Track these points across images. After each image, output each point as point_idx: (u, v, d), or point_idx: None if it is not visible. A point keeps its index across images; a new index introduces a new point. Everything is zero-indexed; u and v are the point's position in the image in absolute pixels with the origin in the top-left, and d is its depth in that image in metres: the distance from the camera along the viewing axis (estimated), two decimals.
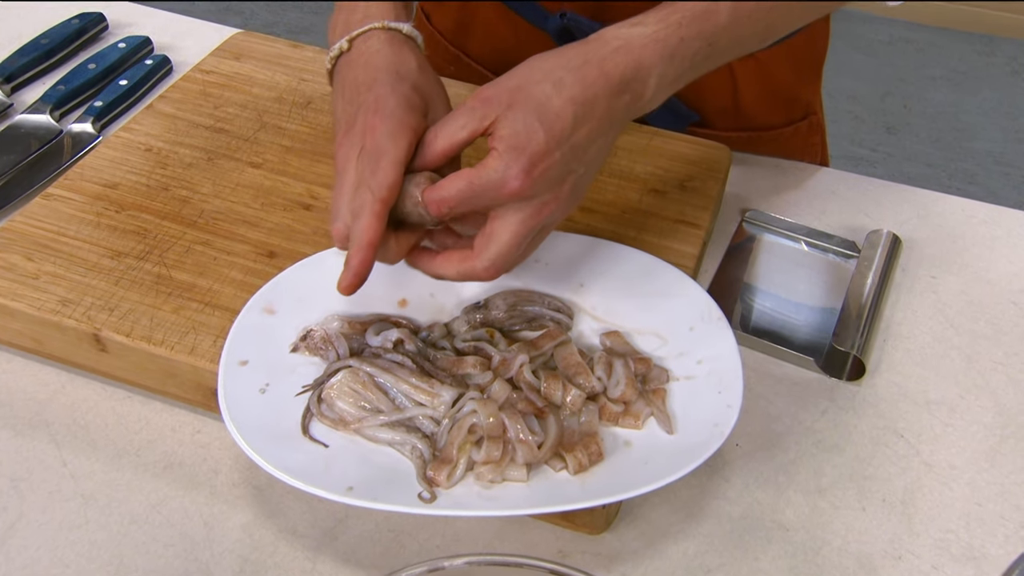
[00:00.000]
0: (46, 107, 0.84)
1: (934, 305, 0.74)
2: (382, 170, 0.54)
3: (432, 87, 0.61)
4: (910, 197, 0.85)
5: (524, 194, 0.53)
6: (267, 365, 0.58)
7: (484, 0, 0.87)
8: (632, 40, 0.55)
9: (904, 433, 0.65)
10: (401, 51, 0.60)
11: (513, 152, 0.52)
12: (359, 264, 0.53)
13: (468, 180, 0.53)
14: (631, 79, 0.55)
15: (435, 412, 0.54)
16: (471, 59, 0.92)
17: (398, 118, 0.55)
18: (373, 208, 0.53)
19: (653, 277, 0.64)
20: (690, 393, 0.57)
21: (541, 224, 0.55)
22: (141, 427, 0.63)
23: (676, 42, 0.55)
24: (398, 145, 0.54)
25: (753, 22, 0.58)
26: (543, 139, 0.52)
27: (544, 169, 0.53)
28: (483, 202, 0.54)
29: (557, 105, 0.53)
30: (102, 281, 0.64)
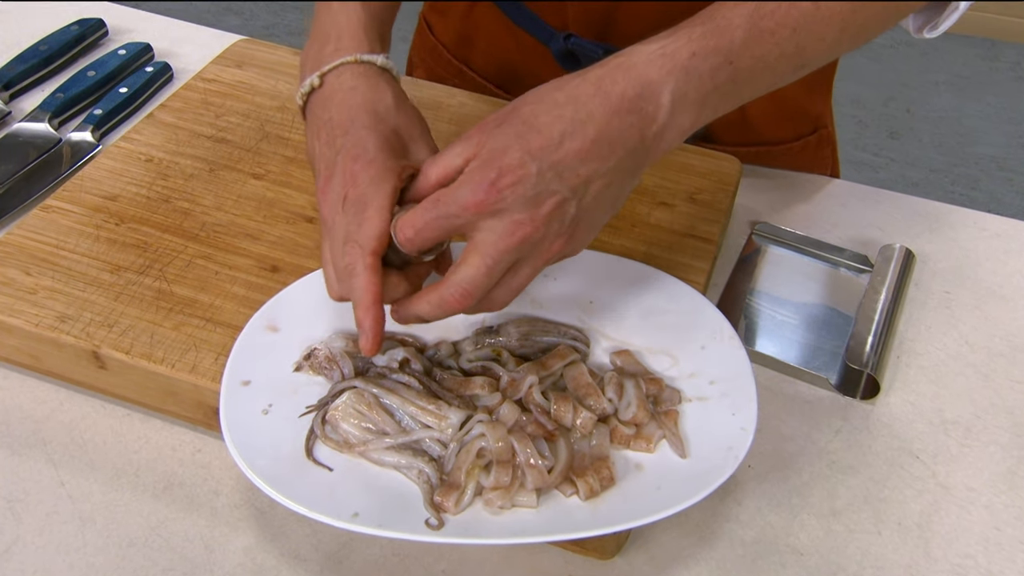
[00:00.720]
0: (45, 115, 0.83)
1: (948, 321, 0.73)
2: (368, 220, 0.52)
3: (411, 123, 0.59)
4: (921, 209, 0.84)
5: (487, 207, 0.49)
6: (270, 385, 0.56)
7: (488, 13, 0.85)
8: (634, 56, 0.52)
9: (920, 454, 0.63)
10: (377, 87, 0.58)
11: (482, 166, 0.50)
12: (372, 323, 0.51)
13: (434, 199, 0.51)
14: (635, 97, 0.51)
15: (442, 435, 0.53)
16: (474, 71, 0.90)
17: (380, 163, 0.53)
18: (365, 262, 0.51)
19: (664, 294, 0.63)
20: (703, 415, 0.56)
21: (517, 247, 0.50)
22: (140, 446, 0.61)
23: (686, 56, 0.52)
24: (382, 191, 0.52)
25: (777, 41, 0.54)
26: (516, 152, 0.50)
27: (513, 182, 0.49)
28: (451, 223, 0.50)
29: (543, 121, 0.50)
30: (101, 296, 0.63)
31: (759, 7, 0.54)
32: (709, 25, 0.53)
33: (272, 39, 2.91)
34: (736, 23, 0.54)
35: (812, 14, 0.54)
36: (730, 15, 0.54)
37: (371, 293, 0.51)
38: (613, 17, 0.77)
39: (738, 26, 0.53)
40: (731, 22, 0.54)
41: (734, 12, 0.54)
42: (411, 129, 0.58)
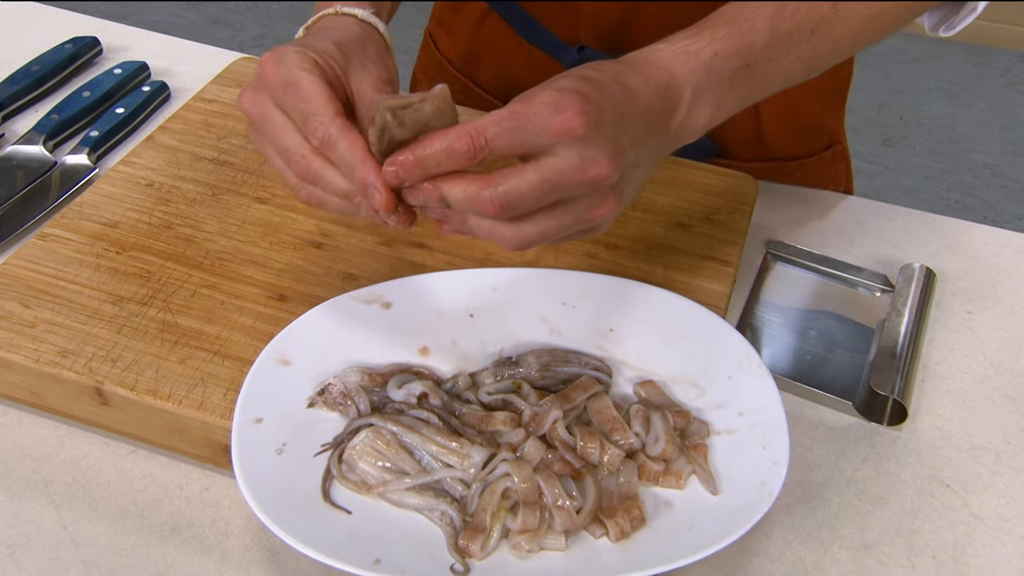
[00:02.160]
0: (39, 138, 0.81)
1: (971, 342, 0.71)
2: (308, 92, 0.49)
3: (365, 55, 0.55)
4: (938, 227, 0.82)
5: (575, 132, 0.46)
6: (283, 423, 0.54)
7: (497, 29, 0.84)
8: (659, 52, 0.52)
9: (950, 482, 0.62)
10: (344, 27, 0.56)
11: (566, 92, 0.46)
12: (375, 174, 0.47)
13: (512, 109, 0.46)
14: (666, 87, 0.51)
15: (465, 474, 0.51)
16: (481, 88, 0.89)
17: (294, 54, 0.51)
18: (337, 125, 0.48)
19: (686, 321, 0.61)
20: (733, 449, 0.54)
21: (579, 184, 0.47)
22: (146, 484, 0.59)
23: (709, 56, 0.52)
24: (304, 68, 0.50)
25: (795, 45, 0.54)
26: (596, 92, 0.47)
27: (598, 114, 0.46)
28: (525, 137, 0.46)
29: (601, 78, 0.49)
30: (104, 329, 0.61)
31: (781, 8, 0.54)
32: (732, 26, 0.53)
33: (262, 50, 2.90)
34: (759, 25, 0.53)
35: (830, 16, 0.54)
36: (752, 16, 0.53)
37: (359, 147, 0.48)
38: (626, 30, 0.76)
39: (760, 28, 0.53)
40: (754, 24, 0.53)
41: (757, 13, 0.53)
42: (361, 57, 0.54)
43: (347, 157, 0.48)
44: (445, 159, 0.46)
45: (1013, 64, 2.94)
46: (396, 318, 0.60)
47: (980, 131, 2.65)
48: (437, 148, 0.46)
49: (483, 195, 0.47)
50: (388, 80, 0.54)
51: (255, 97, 0.52)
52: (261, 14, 3.07)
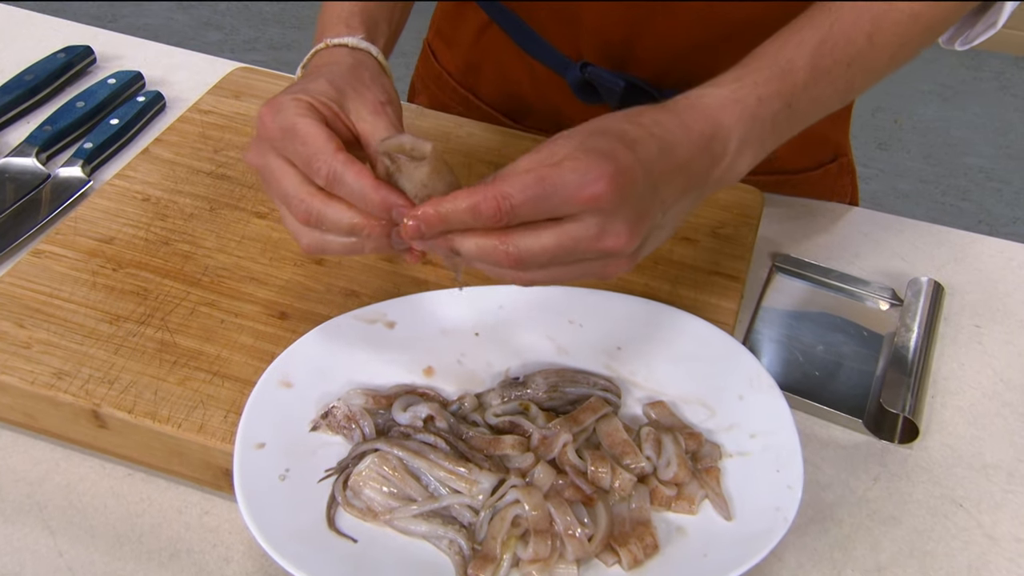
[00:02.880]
0: (32, 149, 0.79)
1: (981, 358, 0.70)
2: (306, 135, 0.48)
3: (360, 83, 0.54)
4: (944, 239, 0.81)
5: (603, 203, 0.45)
6: (286, 447, 0.53)
7: (498, 41, 0.82)
8: (706, 100, 0.51)
9: (963, 502, 0.61)
10: (335, 58, 0.56)
11: (597, 156, 0.45)
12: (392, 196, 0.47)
13: (539, 175, 0.45)
14: (711, 138, 0.51)
15: (473, 501, 0.49)
16: (481, 100, 0.87)
17: (288, 99, 0.51)
18: (340, 160, 0.47)
19: (695, 339, 0.60)
20: (745, 472, 0.53)
21: (599, 251, 0.47)
22: (144, 509, 0.58)
23: (754, 103, 0.52)
24: (298, 110, 0.50)
25: (833, 80, 0.54)
26: (628, 155, 0.46)
27: (628, 181, 0.46)
28: (551, 204, 0.45)
29: (640, 135, 0.48)
30: (100, 350, 0.59)
31: (820, 45, 0.54)
32: (775, 68, 0.53)
33: (254, 53, 2.89)
34: (799, 64, 0.53)
35: (866, 48, 0.54)
36: (793, 56, 0.53)
37: (367, 175, 0.47)
38: (629, 46, 0.75)
39: (801, 68, 0.53)
40: (794, 64, 0.53)
41: (797, 53, 0.53)
42: (355, 84, 0.54)
43: (356, 187, 0.48)
44: (470, 219, 0.46)
45: (1006, 67, 2.94)
46: (400, 337, 0.59)
47: (974, 135, 2.66)
48: (462, 207, 0.45)
49: (498, 250, 0.46)
50: (386, 101, 0.54)
51: (257, 149, 0.52)
52: (253, 17, 3.05)
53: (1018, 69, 2.94)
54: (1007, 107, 2.78)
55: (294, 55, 2.89)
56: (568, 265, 0.48)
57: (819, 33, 0.54)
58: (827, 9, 0.55)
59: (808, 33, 0.54)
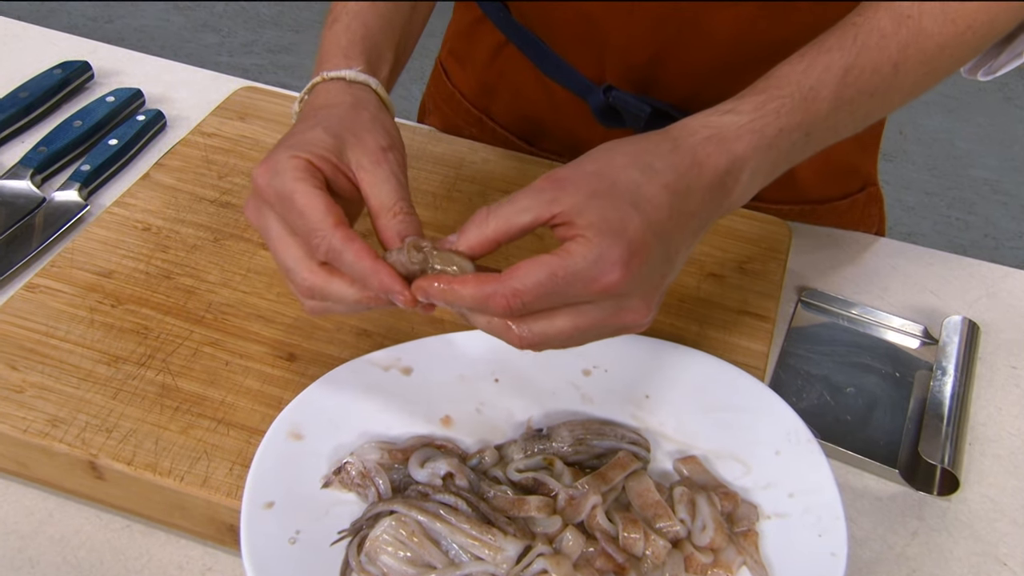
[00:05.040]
0: (26, 171, 0.75)
1: (1019, 401, 0.67)
2: (304, 207, 0.46)
3: (358, 125, 0.52)
4: (975, 272, 0.78)
5: (619, 290, 0.44)
6: (296, 506, 0.49)
7: (514, 62, 0.79)
8: (724, 130, 0.48)
9: (1007, 560, 0.58)
10: (330, 97, 0.53)
11: (607, 237, 0.43)
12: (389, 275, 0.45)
13: (550, 269, 0.43)
14: (724, 172, 0.48)
15: (497, 569, 0.46)
16: (495, 122, 0.84)
17: (283, 158, 0.48)
18: (339, 236, 0.46)
19: (727, 387, 0.57)
20: (784, 535, 0.50)
21: (616, 327, 0.47)
22: (143, 565, 0.54)
23: (774, 133, 0.49)
24: (292, 174, 0.47)
25: (854, 109, 0.52)
26: (640, 225, 0.44)
27: (641, 262, 0.44)
28: (565, 298, 0.44)
29: (650, 191, 0.45)
30: (98, 394, 0.56)
31: (846, 74, 0.51)
32: (798, 96, 0.50)
33: (251, 56, 2.86)
34: (823, 94, 0.51)
35: (891, 79, 0.52)
36: (818, 84, 0.51)
37: (367, 255, 0.46)
38: (656, 69, 0.72)
39: (825, 97, 0.51)
40: (819, 93, 0.51)
41: (823, 81, 0.50)
42: (355, 129, 0.51)
43: (356, 267, 0.46)
44: (475, 305, 0.45)
45: (1011, 79, 2.92)
46: (416, 384, 0.56)
47: (979, 146, 2.63)
48: (470, 294, 0.44)
49: (511, 331, 0.45)
50: (387, 146, 0.51)
51: (256, 209, 0.50)
52: (251, 19, 3.01)
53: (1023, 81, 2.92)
54: (1012, 119, 2.76)
55: (292, 58, 2.85)
56: (583, 337, 0.47)
57: (846, 58, 0.51)
58: (854, 27, 0.52)
59: (836, 57, 0.51)
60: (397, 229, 0.48)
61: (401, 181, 0.50)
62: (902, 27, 0.52)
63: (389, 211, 0.48)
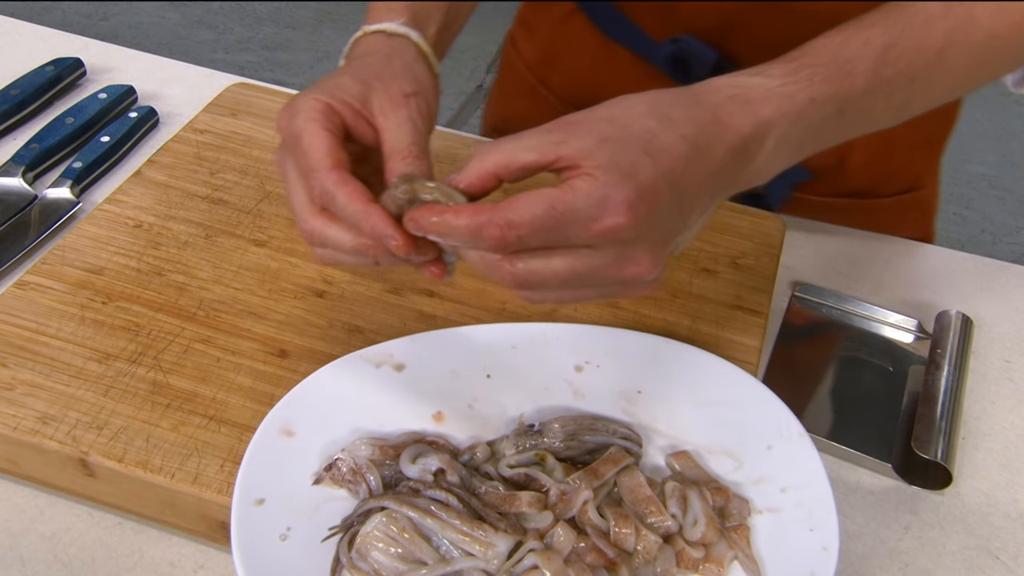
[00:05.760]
0: (18, 169, 0.75)
1: (1013, 395, 0.67)
2: (309, 146, 0.46)
3: (387, 73, 0.50)
4: (969, 266, 0.78)
5: (622, 234, 0.41)
6: (287, 503, 0.49)
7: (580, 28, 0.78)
8: (751, 91, 0.46)
9: (999, 554, 0.58)
10: (370, 47, 0.53)
11: (615, 177, 0.41)
12: (382, 219, 0.44)
13: (549, 203, 0.41)
14: (748, 136, 0.45)
15: (488, 565, 0.46)
16: (549, 91, 0.83)
17: (302, 103, 0.48)
18: (334, 179, 0.45)
19: (719, 382, 0.57)
20: (776, 530, 0.50)
21: (618, 280, 0.44)
22: (134, 562, 0.54)
23: (805, 101, 0.46)
24: (308, 116, 0.47)
25: (891, 92, 0.49)
26: (651, 171, 0.41)
27: (649, 207, 0.41)
28: (562, 235, 0.42)
29: (666, 140, 0.43)
30: (89, 392, 0.56)
31: (887, 51, 0.48)
32: (832, 66, 0.47)
33: (247, 53, 2.85)
34: (860, 69, 0.48)
35: (934, 64, 0.49)
36: (855, 58, 0.48)
37: (359, 197, 0.44)
38: (727, 32, 0.70)
39: (861, 73, 0.48)
40: (855, 67, 0.48)
41: (860, 55, 0.48)
42: (382, 76, 0.50)
43: (348, 210, 0.45)
44: (467, 237, 0.42)
45: None
46: (408, 380, 0.56)
47: (977, 142, 2.63)
48: (463, 224, 0.42)
49: (503, 268, 0.43)
50: (411, 92, 0.50)
51: (280, 155, 0.50)
52: (247, 16, 3.01)
53: None
54: (1010, 114, 2.75)
55: (288, 55, 2.84)
56: (581, 289, 0.45)
57: (888, 36, 0.49)
58: (899, 7, 0.50)
59: (877, 32, 0.49)
60: (401, 171, 0.46)
61: (418, 126, 0.48)
62: (951, 12, 0.49)
63: (399, 154, 0.47)
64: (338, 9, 3.04)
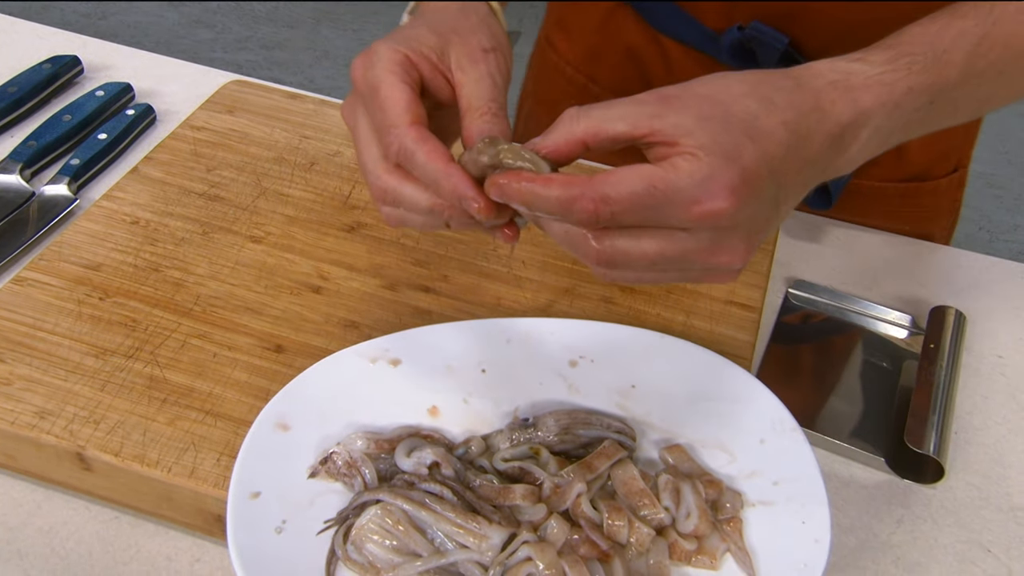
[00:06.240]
0: (16, 166, 0.76)
1: (1005, 390, 0.68)
2: (386, 100, 0.44)
3: (464, 27, 0.49)
4: (964, 262, 0.79)
5: (722, 221, 0.40)
6: (282, 496, 0.50)
7: (627, 23, 0.78)
8: (853, 77, 0.45)
9: (991, 547, 0.58)
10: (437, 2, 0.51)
11: (720, 159, 0.39)
12: (463, 179, 0.42)
13: (650, 181, 0.39)
14: (847, 124, 0.44)
15: (482, 557, 0.46)
16: (599, 87, 0.82)
17: (382, 55, 0.46)
18: (413, 136, 0.43)
19: (713, 376, 0.57)
20: (769, 523, 0.50)
21: (709, 266, 0.42)
22: (131, 556, 0.55)
23: (903, 91, 0.45)
24: (387, 69, 0.45)
25: (980, 84, 0.49)
26: (755, 156, 0.40)
27: (752, 192, 0.40)
28: (658, 216, 0.40)
29: (769, 125, 0.41)
30: (85, 386, 0.56)
31: (980, 42, 0.48)
32: (931, 56, 0.47)
33: (245, 52, 2.85)
34: (955, 59, 0.47)
35: (1022, 57, 0.49)
36: (952, 48, 0.47)
37: (440, 156, 0.43)
38: (791, 22, 0.68)
39: (956, 63, 0.47)
40: (952, 58, 0.47)
41: (956, 45, 0.47)
42: (459, 30, 0.49)
43: (428, 169, 0.43)
44: (556, 210, 0.41)
45: None
46: (404, 375, 0.56)
47: None
48: (554, 195, 0.40)
49: (589, 244, 0.41)
50: (490, 48, 0.48)
51: (351, 106, 0.48)
52: (245, 15, 3.01)
53: None
54: (1007, 112, 2.75)
55: (286, 54, 2.85)
56: (665, 272, 0.43)
57: (981, 27, 0.48)
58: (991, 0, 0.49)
59: (971, 24, 0.48)
60: (480, 129, 0.45)
61: (497, 82, 0.47)
62: None
63: (476, 111, 0.46)
64: (336, 8, 3.05)
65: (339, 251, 0.66)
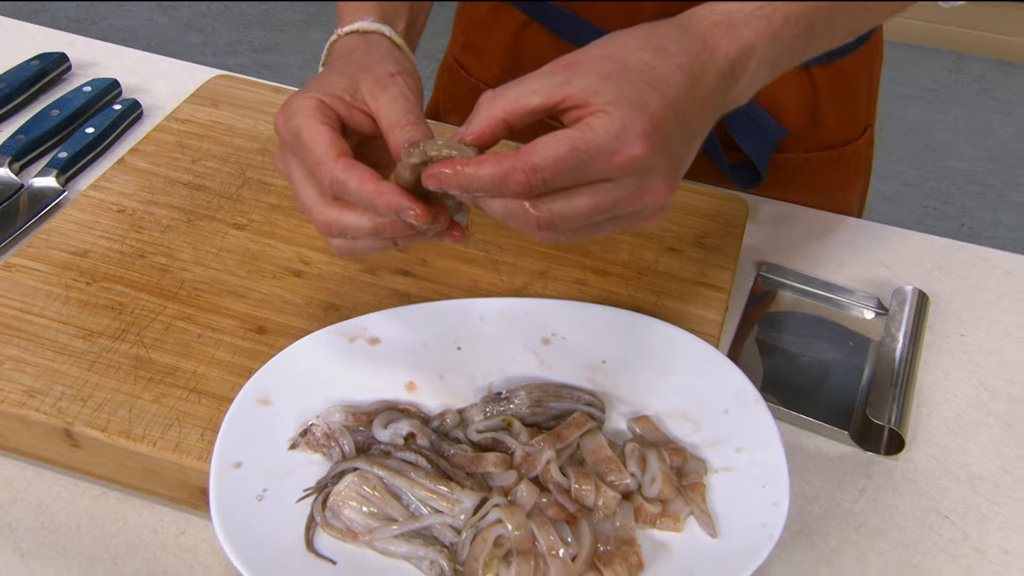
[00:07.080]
0: (5, 159, 0.77)
1: (966, 367, 0.70)
2: (310, 141, 0.48)
3: (369, 62, 0.52)
4: (929, 246, 0.81)
5: (639, 164, 0.43)
6: (263, 467, 0.52)
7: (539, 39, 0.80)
8: (733, 15, 0.48)
9: (949, 514, 0.60)
10: (348, 46, 0.55)
11: (629, 111, 0.43)
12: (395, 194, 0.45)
13: (571, 143, 0.42)
14: (734, 59, 0.48)
15: (455, 520, 0.48)
16: None
17: (299, 101, 0.50)
18: (340, 167, 0.46)
19: (680, 352, 0.59)
20: (731, 488, 0.52)
21: (635, 208, 0.45)
22: (118, 529, 0.56)
23: (780, 21, 0.48)
24: (305, 113, 0.49)
25: (852, 8, 0.52)
26: (659, 101, 0.43)
27: (664, 136, 0.43)
28: (585, 173, 0.43)
29: (665, 71, 0.45)
30: (73, 366, 0.58)
31: None
32: None
33: (236, 56, 2.87)
34: None
35: None
36: None
37: (369, 178, 0.46)
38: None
39: None
40: None
41: None
42: (365, 66, 0.52)
43: (361, 192, 0.46)
44: (492, 187, 0.43)
45: (988, 70, 2.96)
46: (381, 352, 0.58)
47: (956, 138, 2.67)
48: (487, 173, 0.43)
49: (528, 213, 0.44)
50: (397, 71, 0.52)
51: (281, 157, 0.52)
52: (235, 19, 3.03)
53: (999, 72, 2.96)
54: (989, 110, 2.79)
55: (276, 58, 2.87)
56: (600, 223, 0.46)
57: None
58: None
59: None
60: (404, 138, 0.48)
61: (410, 99, 0.50)
62: None
63: (397, 125, 0.49)
64: (325, 11, 3.07)
65: (320, 237, 0.68)
